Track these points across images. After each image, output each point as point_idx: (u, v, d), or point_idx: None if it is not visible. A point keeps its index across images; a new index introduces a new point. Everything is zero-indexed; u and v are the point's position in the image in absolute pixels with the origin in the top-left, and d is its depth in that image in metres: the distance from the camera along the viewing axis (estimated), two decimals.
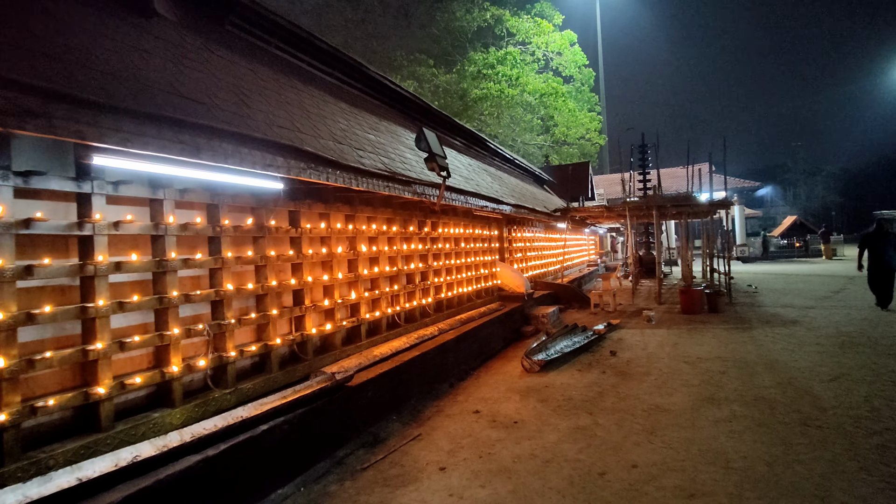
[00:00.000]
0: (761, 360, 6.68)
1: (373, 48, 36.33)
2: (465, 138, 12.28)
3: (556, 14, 35.96)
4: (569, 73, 36.04)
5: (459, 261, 8.42)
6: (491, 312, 8.62)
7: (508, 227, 11.44)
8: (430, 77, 35.19)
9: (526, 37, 34.79)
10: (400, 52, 36.01)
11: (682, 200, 12.13)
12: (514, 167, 16.58)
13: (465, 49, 36.93)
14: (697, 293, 10.85)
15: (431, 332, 6.59)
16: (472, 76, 34.06)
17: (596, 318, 10.88)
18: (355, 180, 4.31)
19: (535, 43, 34.80)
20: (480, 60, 34.11)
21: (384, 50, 36.57)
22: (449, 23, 36.41)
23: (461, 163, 10.06)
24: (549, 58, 35.77)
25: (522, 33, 34.64)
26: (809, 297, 12.59)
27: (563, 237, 15.71)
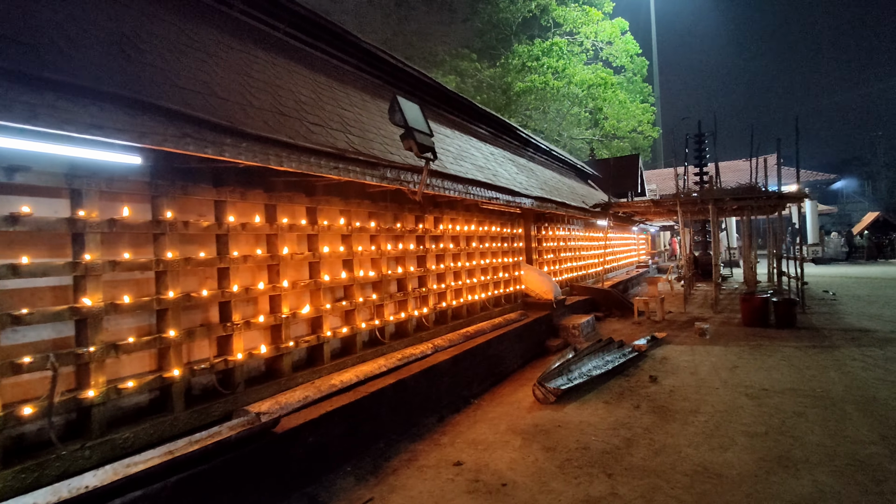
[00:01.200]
0: (852, 396, 5.08)
1: (413, 44, 35.52)
2: (491, 126, 10.99)
3: (605, 1, 33.94)
4: (620, 64, 33.99)
5: (470, 263, 7.18)
6: (509, 324, 7.32)
7: (538, 224, 10.07)
8: (472, 72, 34.03)
9: (574, 26, 33.01)
10: (442, 48, 35.02)
11: (743, 193, 10.36)
12: (551, 159, 15.11)
13: (509, 42, 35.49)
14: (762, 301, 9.11)
15: (422, 351, 5.39)
16: (517, 69, 32.64)
17: (639, 330, 9.34)
18: (277, 157, 3.18)
19: (584, 33, 32.96)
20: (525, 53, 32.65)
21: (426, 46, 35.67)
22: (492, 15, 35.14)
23: (480, 152, 8.80)
24: (598, 48, 33.84)
25: (570, 23, 32.89)
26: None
27: (605, 236, 14.11)
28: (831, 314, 10.06)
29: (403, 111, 4.29)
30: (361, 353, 4.91)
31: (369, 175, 4.07)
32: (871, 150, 57.53)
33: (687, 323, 9.83)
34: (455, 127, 8.97)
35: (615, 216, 12.90)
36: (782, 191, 10.37)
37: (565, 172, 16.14)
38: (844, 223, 52.23)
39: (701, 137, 19.26)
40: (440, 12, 37.67)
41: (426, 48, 35.54)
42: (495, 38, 36.39)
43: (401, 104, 4.30)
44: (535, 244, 9.94)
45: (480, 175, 6.99)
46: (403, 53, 35.12)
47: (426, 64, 34.53)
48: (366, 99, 6.09)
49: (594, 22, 32.51)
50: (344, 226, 4.85)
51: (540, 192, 9.40)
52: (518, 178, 8.99)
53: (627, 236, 19.40)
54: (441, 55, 34.50)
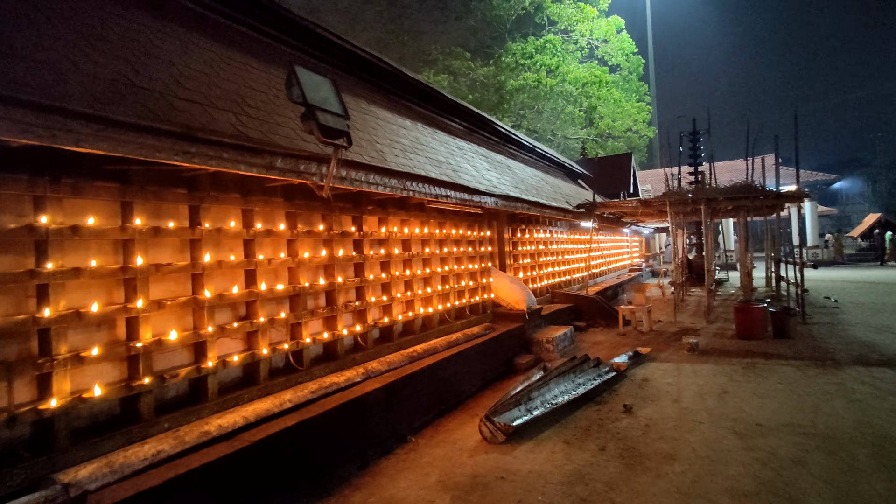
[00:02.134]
0: (862, 435, 4.16)
1: (404, 42, 34.70)
2: (466, 120, 10.09)
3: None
4: (615, 62, 33.16)
5: (424, 271, 6.27)
6: (469, 339, 6.41)
7: (513, 226, 9.17)
8: (465, 70, 33.20)
9: (569, 24, 32.20)
10: (434, 46, 34.20)
11: (737, 192, 9.46)
12: (536, 157, 14.20)
13: (503, 41, 34.64)
14: (758, 312, 8.20)
15: (348, 379, 4.47)
16: (510, 67, 31.80)
17: (623, 343, 8.43)
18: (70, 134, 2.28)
19: (579, 30, 32.15)
20: (518, 50, 31.82)
21: (419, 45, 34.83)
22: (486, 12, 34.29)
23: (446, 146, 7.90)
24: (593, 46, 33.01)
25: (564, 20, 32.07)
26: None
27: (591, 238, 13.20)
28: (834, 325, 9.14)
29: (303, 85, 3.38)
30: (267, 384, 4.01)
31: (246, 164, 3.16)
32: (872, 151, 56.64)
33: (676, 334, 8.91)
34: (421, 119, 8.07)
35: (601, 217, 12.00)
36: (780, 190, 9.46)
37: (552, 171, 15.24)
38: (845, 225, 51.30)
39: (696, 135, 18.37)
40: (434, 11, 36.84)
41: (418, 47, 34.71)
42: (489, 36, 35.58)
43: (299, 76, 3.39)
44: (510, 248, 9.03)
45: (435, 171, 6.09)
46: (395, 53, 34.31)
47: (418, 63, 33.71)
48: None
49: (589, 19, 31.71)
50: (242, 229, 3.95)
51: (515, 190, 8.50)
52: (488, 176, 8.09)
53: (619, 239, 18.49)
54: (433, 54, 33.69)
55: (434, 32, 36.23)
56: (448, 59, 33.20)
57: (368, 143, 5.26)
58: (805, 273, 11.83)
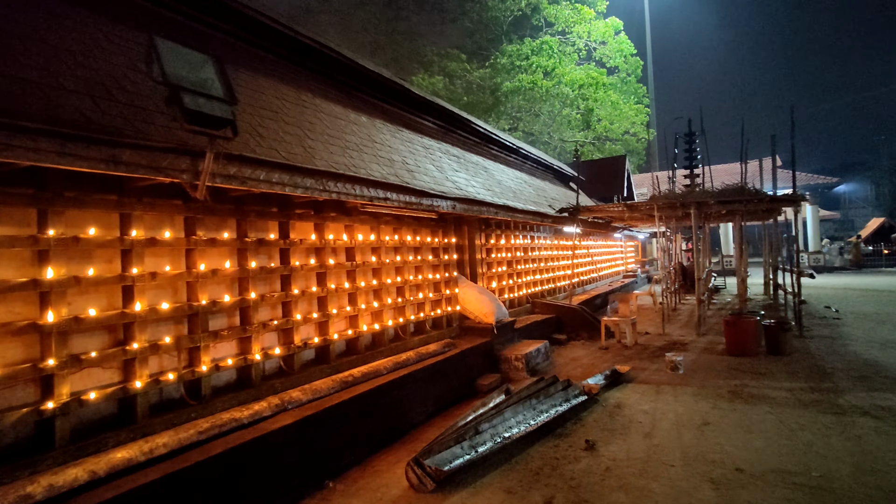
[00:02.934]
0: (865, 488, 3.43)
1: (399, 44, 34.15)
2: (440, 119, 9.41)
3: (599, 0, 32.40)
4: (614, 64, 32.47)
5: (372, 282, 5.58)
6: (422, 359, 5.71)
7: (486, 232, 8.46)
8: (461, 73, 32.62)
9: (566, 26, 31.55)
10: (430, 48, 33.62)
11: (730, 195, 8.74)
12: (522, 159, 13.49)
13: (500, 43, 34.06)
14: (750, 326, 7.46)
15: (253, 413, 3.77)
16: (505, 69, 31.17)
17: (603, 359, 7.72)
18: None
19: (576, 32, 31.48)
20: (514, 52, 31.22)
21: (414, 47, 34.25)
22: (481, 13, 33.68)
23: (409, 145, 7.23)
24: (591, 48, 32.33)
25: (562, 22, 31.42)
26: None
27: (574, 244, 12.50)
28: (834, 339, 8.39)
29: (163, 62, 2.71)
30: (146, 424, 3.32)
31: (75, 157, 2.48)
32: (875, 153, 55.67)
33: (662, 349, 8.19)
34: (383, 116, 7.41)
35: (588, 222, 11.29)
36: (776, 193, 8.73)
37: (539, 174, 14.53)
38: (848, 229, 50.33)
39: (691, 137, 17.65)
40: (431, 13, 36.31)
41: (414, 49, 34.15)
42: (486, 38, 35.04)
43: (160, 50, 2.72)
44: (483, 255, 8.33)
45: (382, 171, 5.41)
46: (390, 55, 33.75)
47: (413, 65, 33.15)
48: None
49: (586, 21, 31.06)
50: (113, 236, 3.27)
51: (487, 193, 7.81)
52: (455, 177, 7.41)
53: (611, 244, 17.75)
54: (429, 56, 33.09)
55: (431, 35, 35.65)
56: (444, 62, 32.63)
57: (295, 139, 4.58)
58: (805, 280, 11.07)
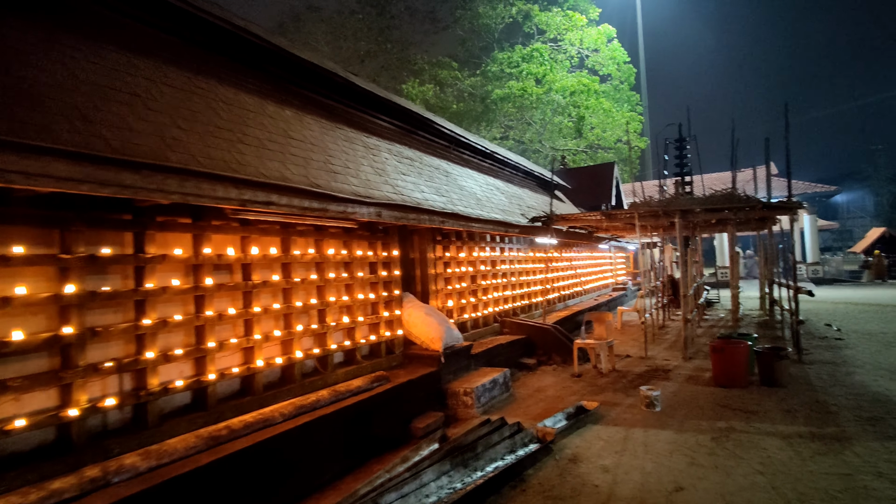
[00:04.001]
0: None
1: (389, 52, 33.45)
2: (399, 118, 8.44)
3: (591, 7, 31.70)
4: (607, 72, 31.68)
5: (272, 306, 4.57)
6: (339, 398, 4.67)
7: (443, 243, 7.46)
8: (452, 81, 31.87)
9: (558, 33, 30.81)
10: (421, 56, 32.87)
11: (717, 202, 7.74)
12: (498, 165, 12.50)
13: (492, 51, 33.33)
14: (740, 353, 6.41)
15: (47, 496, 2.75)
16: (496, 76, 30.41)
17: (572, 390, 6.68)
18: None
19: (568, 39, 30.74)
20: (504, 59, 30.48)
21: (406, 55, 33.53)
22: (472, 21, 32.94)
23: (346, 145, 6.24)
24: (584, 55, 31.56)
25: (553, 29, 30.69)
26: None
27: (550, 255, 11.50)
28: (837, 365, 7.35)
29: None
30: None
31: None
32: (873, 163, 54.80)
33: (641, 377, 7.15)
34: (322, 112, 6.45)
35: (565, 232, 10.28)
36: (769, 200, 7.73)
37: (519, 181, 13.55)
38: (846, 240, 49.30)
39: (682, 142, 16.71)
40: (423, 22, 35.67)
41: (405, 57, 33.43)
42: (478, 46, 34.36)
43: None
44: (438, 270, 7.31)
45: (282, 172, 4.41)
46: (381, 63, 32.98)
47: (403, 73, 32.40)
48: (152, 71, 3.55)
49: (578, 28, 30.33)
50: None
51: (439, 200, 6.81)
52: (402, 182, 6.41)
53: (598, 256, 16.73)
54: (419, 63, 32.34)
55: (424, 44, 34.97)
56: (434, 70, 31.89)
57: (155, 128, 3.59)
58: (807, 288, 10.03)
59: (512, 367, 7.85)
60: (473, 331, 8.12)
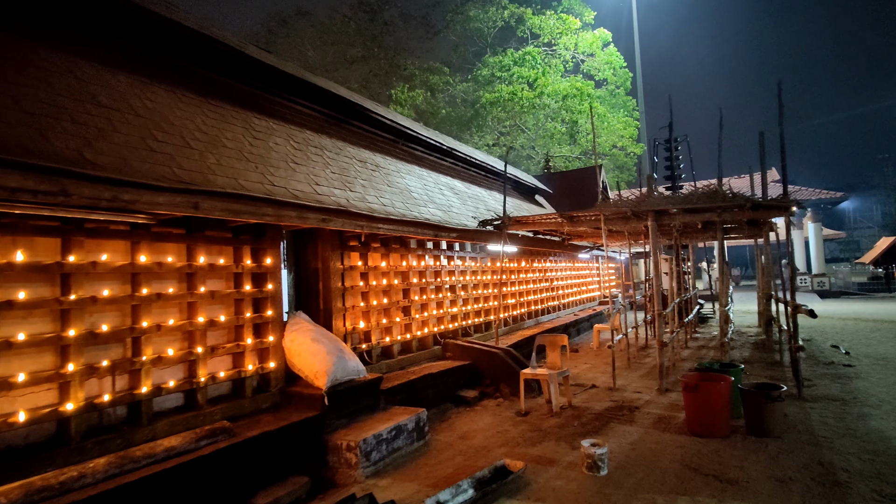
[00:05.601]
0: None
1: (376, 55, 32.34)
2: (328, 106, 7.10)
3: (586, 11, 30.44)
4: (602, 77, 30.37)
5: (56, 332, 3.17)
6: (134, 467, 3.25)
7: (354, 251, 6.04)
8: (443, 86, 30.67)
9: (552, 37, 29.58)
10: (411, 61, 31.70)
11: (696, 201, 6.28)
12: (462, 165, 11.10)
13: (486, 56, 32.13)
14: (718, 393, 4.89)
15: None
16: (487, 81, 29.19)
17: (510, 434, 5.20)
18: None
19: (563, 43, 29.47)
20: (496, 63, 29.27)
21: (396, 60, 32.40)
22: (464, 24, 31.77)
23: (246, 135, 4.87)
24: (579, 60, 30.29)
25: (547, 33, 29.44)
26: None
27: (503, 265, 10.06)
28: (846, 403, 5.82)
29: None
30: None
31: None
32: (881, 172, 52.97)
33: (599, 418, 5.66)
34: (220, 95, 5.11)
35: (525, 239, 8.83)
36: (757, 198, 6.23)
37: (488, 183, 12.13)
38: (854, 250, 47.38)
39: (672, 144, 15.27)
40: (417, 28, 34.58)
41: (396, 62, 32.29)
42: (471, 51, 33.22)
43: None
44: (348, 283, 5.88)
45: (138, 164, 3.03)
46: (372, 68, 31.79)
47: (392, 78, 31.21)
48: None
49: (572, 31, 29.09)
50: None
51: (336, 195, 5.40)
52: (284, 174, 5.02)
53: (581, 266, 15.22)
54: (410, 68, 31.16)
55: (419, 50, 33.83)
56: (425, 75, 30.70)
57: None
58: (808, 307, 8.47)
59: (446, 402, 6.40)
60: (402, 356, 6.67)
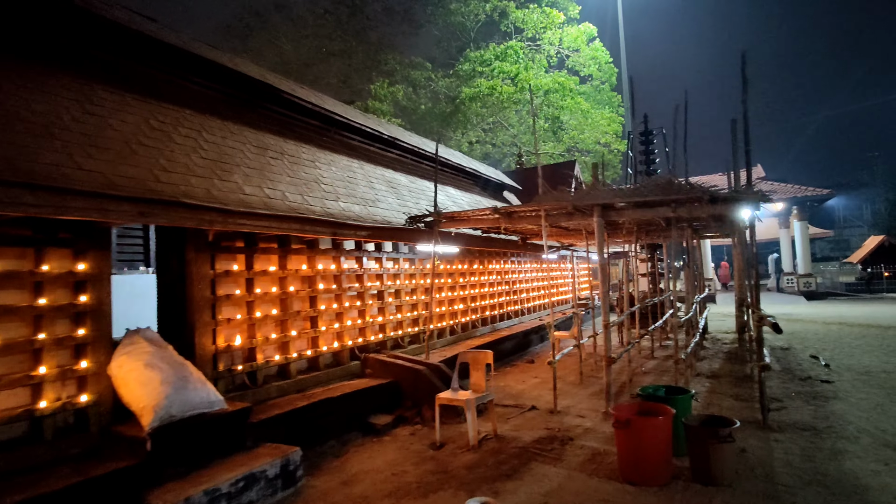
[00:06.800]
0: None
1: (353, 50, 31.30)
2: (233, 85, 6.09)
3: (571, 5, 29.51)
4: (588, 73, 29.46)
5: None
6: None
7: (235, 253, 5.03)
8: (425, 82, 29.65)
9: (536, 32, 28.62)
10: (392, 56, 30.64)
11: (647, 193, 5.29)
12: (411, 157, 10.08)
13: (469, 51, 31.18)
14: (654, 431, 3.87)
15: None
16: (468, 76, 28.20)
17: (401, 481, 4.18)
18: None
19: (547, 38, 28.55)
20: (477, 58, 28.27)
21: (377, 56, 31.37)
22: (446, 17, 30.75)
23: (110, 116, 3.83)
24: (564, 55, 29.36)
25: (531, 27, 28.49)
26: None
27: (433, 268, 9.07)
28: (818, 434, 4.84)
29: None
30: None
31: None
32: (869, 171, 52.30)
33: (521, 455, 4.65)
34: (89, 71, 4.07)
35: (445, 235, 7.82)
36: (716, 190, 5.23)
37: (443, 178, 11.11)
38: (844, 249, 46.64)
39: (648, 137, 14.34)
40: (401, 24, 33.52)
41: (377, 57, 31.26)
42: (454, 46, 32.22)
43: None
44: (217, 292, 4.86)
45: None
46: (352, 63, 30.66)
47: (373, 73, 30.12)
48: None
49: (556, 25, 28.15)
50: None
51: (206, 186, 4.38)
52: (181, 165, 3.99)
53: (550, 267, 14.22)
54: (391, 63, 30.12)
55: (402, 45, 32.73)
56: (406, 70, 29.69)
57: None
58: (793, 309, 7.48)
59: (353, 431, 5.39)
60: (305, 376, 5.65)
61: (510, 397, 6.74)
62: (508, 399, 6.64)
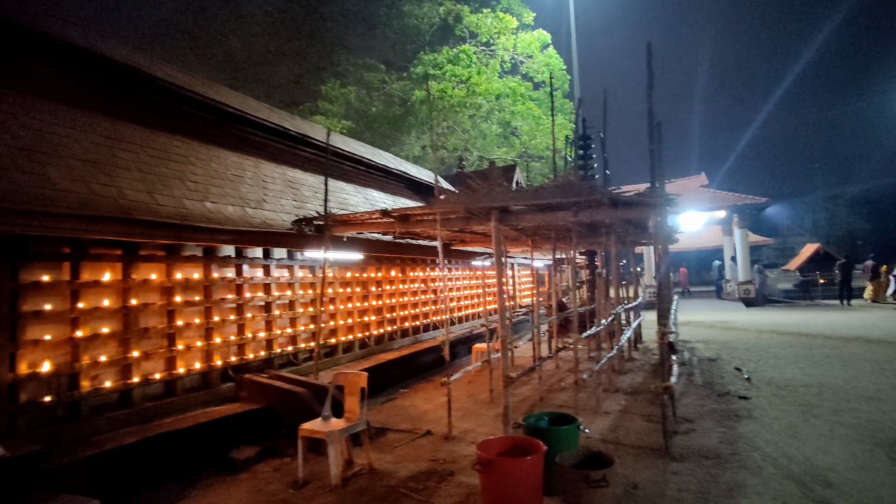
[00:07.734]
0: None
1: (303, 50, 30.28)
2: (93, 70, 5.23)
3: (525, 11, 29.34)
4: (542, 79, 29.33)
5: None
6: None
7: (70, 261, 4.20)
8: (379, 84, 28.88)
9: (490, 36, 28.28)
10: (346, 57, 29.74)
11: (546, 195, 4.74)
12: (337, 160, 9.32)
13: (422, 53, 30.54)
14: (521, 474, 3.26)
15: None
16: (421, 78, 27.62)
17: None
18: None
19: (501, 44, 28.22)
20: (430, 61, 27.71)
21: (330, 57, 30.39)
22: (400, 20, 30.11)
23: None
24: (518, 61, 29.14)
25: (485, 31, 28.11)
26: None
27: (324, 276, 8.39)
28: (720, 464, 4.35)
29: None
30: None
31: None
32: (811, 181, 54.56)
33: (388, 497, 3.99)
34: None
35: (374, 244, 7.15)
36: (620, 193, 4.74)
37: (363, 180, 10.40)
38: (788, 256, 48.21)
39: (585, 142, 14.01)
40: (357, 25, 32.60)
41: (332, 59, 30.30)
42: (410, 50, 31.54)
43: None
44: (21, 308, 4.02)
45: None
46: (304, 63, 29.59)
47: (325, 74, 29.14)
48: None
49: (510, 31, 27.92)
50: None
51: None
52: None
53: (487, 274, 13.67)
54: (344, 65, 29.23)
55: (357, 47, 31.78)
56: (360, 72, 28.86)
57: None
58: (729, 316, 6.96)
59: (208, 467, 4.59)
60: (154, 403, 4.83)
61: (409, 420, 6.07)
62: (406, 422, 5.97)
